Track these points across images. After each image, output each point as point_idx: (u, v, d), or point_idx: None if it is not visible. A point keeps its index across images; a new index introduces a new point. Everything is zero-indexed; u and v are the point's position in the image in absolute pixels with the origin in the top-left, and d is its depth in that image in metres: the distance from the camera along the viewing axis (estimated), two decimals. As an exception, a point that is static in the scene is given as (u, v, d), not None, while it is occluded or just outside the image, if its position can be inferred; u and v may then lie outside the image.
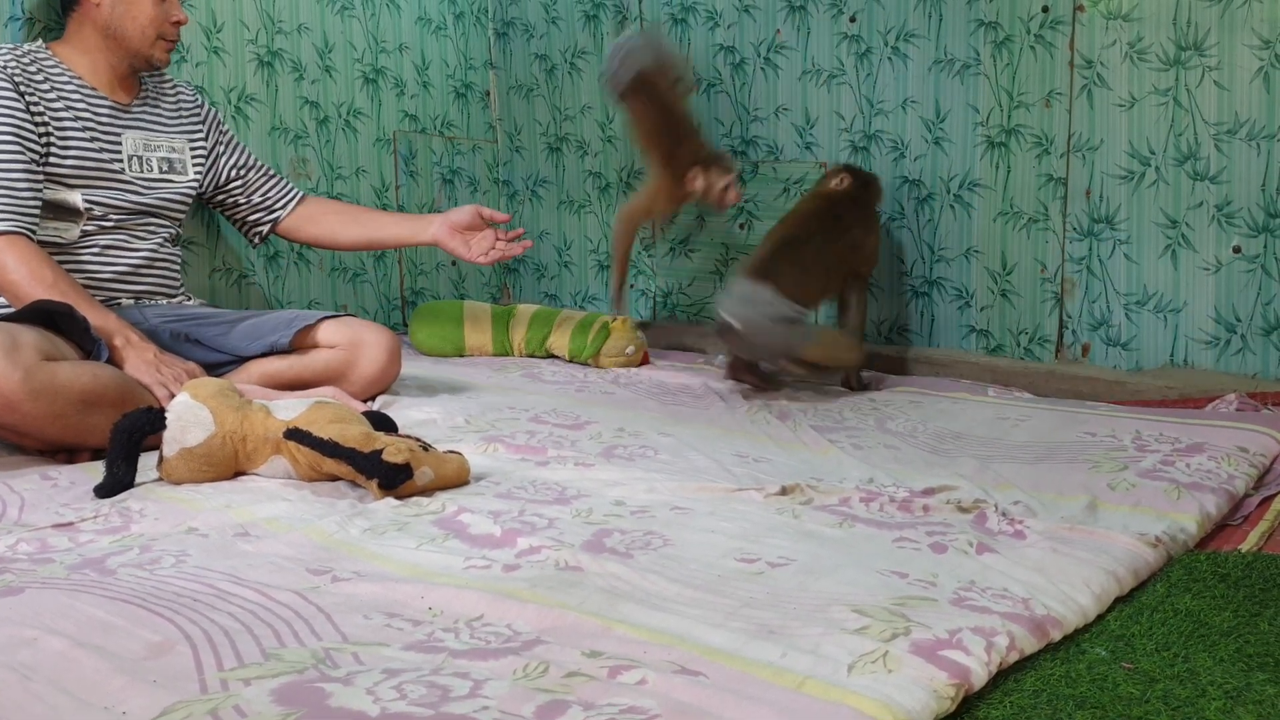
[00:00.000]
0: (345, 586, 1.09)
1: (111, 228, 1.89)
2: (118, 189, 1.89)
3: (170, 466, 1.45)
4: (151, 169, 1.94)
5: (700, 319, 2.66)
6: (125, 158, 1.90)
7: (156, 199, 1.95)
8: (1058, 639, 1.03)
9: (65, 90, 1.85)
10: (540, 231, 3.01)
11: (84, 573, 1.12)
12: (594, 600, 1.04)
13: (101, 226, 1.88)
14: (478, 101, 2.99)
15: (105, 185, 1.88)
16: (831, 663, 0.91)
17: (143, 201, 1.93)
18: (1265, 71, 1.92)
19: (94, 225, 1.87)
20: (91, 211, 1.86)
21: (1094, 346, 2.17)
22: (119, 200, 1.90)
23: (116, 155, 1.89)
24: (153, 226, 1.95)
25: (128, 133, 1.92)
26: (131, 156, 1.91)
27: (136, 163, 1.92)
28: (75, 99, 1.86)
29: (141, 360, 1.70)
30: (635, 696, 0.86)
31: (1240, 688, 0.93)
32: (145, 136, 1.94)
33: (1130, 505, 1.37)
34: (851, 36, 2.38)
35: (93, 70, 1.90)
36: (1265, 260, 1.96)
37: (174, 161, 1.99)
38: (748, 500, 1.38)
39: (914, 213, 2.35)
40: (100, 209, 1.87)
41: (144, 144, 1.93)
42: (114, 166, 1.89)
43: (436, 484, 1.43)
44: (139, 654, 0.93)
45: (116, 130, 1.91)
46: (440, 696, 0.85)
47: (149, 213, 1.94)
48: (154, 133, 1.97)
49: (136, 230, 1.93)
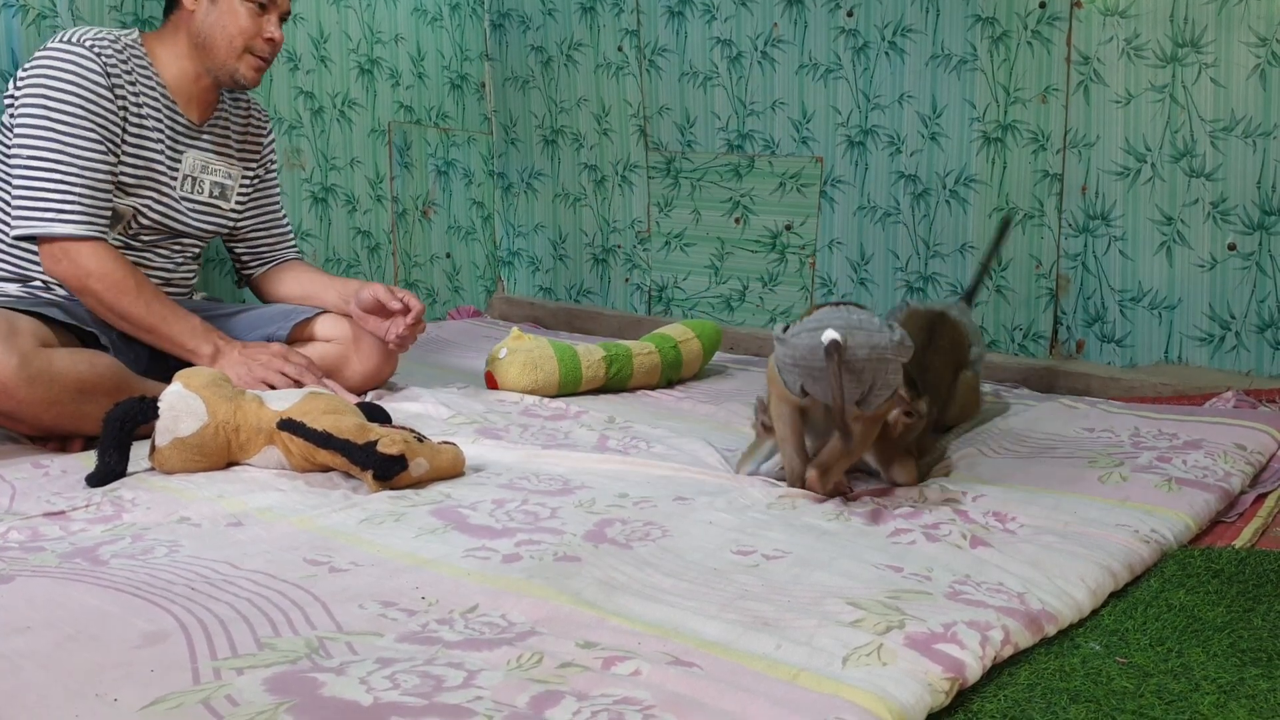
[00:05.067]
0: (342, 576, 1.09)
1: (148, 242, 1.81)
2: (165, 206, 1.81)
3: (162, 456, 1.45)
4: (203, 192, 1.86)
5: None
6: (180, 177, 1.82)
7: (198, 223, 1.87)
8: (1052, 633, 1.03)
9: (149, 95, 1.77)
10: (535, 224, 3.00)
11: (76, 561, 1.12)
12: (590, 591, 1.04)
13: (136, 237, 1.80)
14: (473, 93, 2.98)
15: (154, 199, 1.79)
16: (826, 655, 0.91)
17: (184, 223, 1.84)
18: (1261, 69, 1.92)
19: (128, 235, 1.78)
20: (132, 222, 1.78)
21: (1089, 343, 2.17)
22: (162, 218, 1.81)
23: (174, 172, 1.81)
24: (182, 245, 1.87)
25: (190, 152, 1.83)
26: (186, 176, 1.82)
27: (189, 183, 1.83)
28: (155, 106, 1.77)
29: (230, 366, 1.69)
30: (629, 687, 0.85)
31: (1234, 682, 0.93)
32: (205, 159, 1.86)
33: (1119, 500, 1.37)
34: (849, 31, 2.38)
35: (179, 77, 1.80)
36: (1260, 257, 1.96)
37: (225, 189, 1.90)
38: (746, 491, 1.38)
39: (909, 208, 2.35)
40: (141, 221, 1.78)
41: (202, 166, 1.85)
42: (168, 183, 1.80)
43: (431, 475, 1.42)
44: (132, 643, 0.93)
45: (181, 148, 1.82)
46: (434, 686, 0.85)
47: (185, 234, 1.86)
48: (215, 156, 1.88)
49: (168, 247, 1.85)
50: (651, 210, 2.77)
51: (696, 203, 2.68)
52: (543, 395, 1.93)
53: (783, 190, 2.52)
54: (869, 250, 2.42)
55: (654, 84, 2.71)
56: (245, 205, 1.98)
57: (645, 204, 2.78)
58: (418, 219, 2.87)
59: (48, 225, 1.65)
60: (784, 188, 2.52)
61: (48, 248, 1.67)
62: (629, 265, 2.83)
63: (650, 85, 2.71)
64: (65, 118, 1.66)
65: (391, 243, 2.80)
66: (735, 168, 2.60)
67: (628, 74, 2.75)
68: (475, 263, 2.99)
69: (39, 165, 1.65)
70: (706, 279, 2.69)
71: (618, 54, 2.76)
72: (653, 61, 2.70)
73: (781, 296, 2.57)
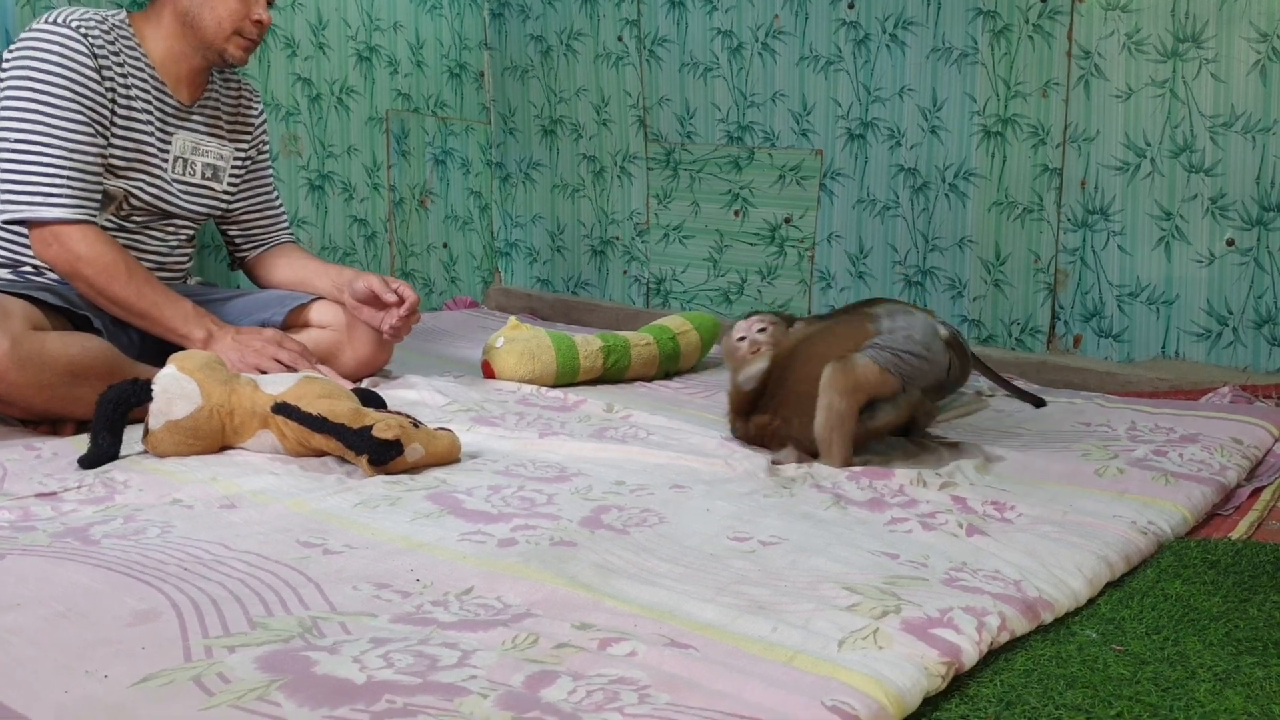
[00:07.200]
0: (335, 558, 1.08)
1: (140, 224, 1.81)
2: (156, 188, 1.80)
3: (155, 439, 1.44)
4: (195, 173, 1.85)
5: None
6: (171, 159, 1.81)
7: (190, 205, 1.86)
8: (1049, 621, 1.03)
9: (137, 75, 1.75)
10: (534, 215, 2.99)
11: (67, 541, 1.11)
12: (586, 574, 1.04)
13: (128, 219, 1.79)
14: (472, 82, 2.97)
15: (145, 181, 1.78)
16: (822, 638, 0.91)
17: (176, 204, 1.84)
18: (1262, 64, 1.91)
19: (120, 217, 1.78)
20: (124, 204, 1.77)
21: (1086, 337, 2.17)
22: (154, 200, 1.80)
23: (165, 154, 1.80)
24: (175, 227, 1.87)
25: (180, 133, 1.82)
26: (177, 158, 1.81)
27: (180, 165, 1.82)
28: (144, 87, 1.76)
29: (224, 351, 1.67)
30: (625, 668, 0.85)
31: (1229, 670, 0.93)
32: (196, 140, 1.85)
33: (1116, 492, 1.37)
34: (850, 23, 2.37)
35: (166, 57, 1.79)
36: (1258, 253, 1.96)
37: (218, 170, 1.89)
38: (744, 479, 1.38)
39: (909, 201, 2.34)
40: (133, 203, 1.78)
41: (193, 147, 1.83)
42: (159, 165, 1.80)
43: (427, 460, 1.41)
44: (123, 620, 0.92)
45: (171, 129, 1.81)
46: (428, 666, 0.85)
47: (178, 215, 1.86)
48: (206, 137, 1.87)
49: (161, 229, 1.84)
50: (650, 202, 2.76)
51: (696, 195, 2.67)
52: (540, 385, 1.92)
53: (782, 183, 2.52)
54: (868, 244, 2.41)
55: (654, 74, 2.70)
56: (238, 186, 1.97)
57: (644, 195, 2.77)
58: (415, 208, 2.86)
59: (37, 209, 1.63)
60: (783, 180, 2.51)
61: (38, 232, 1.66)
62: (627, 257, 2.82)
63: (650, 76, 2.71)
64: (52, 100, 1.64)
65: (388, 232, 2.79)
66: (735, 160, 2.59)
67: (627, 64, 2.74)
68: (472, 253, 2.99)
69: (27, 149, 1.64)
70: (705, 272, 2.68)
71: (618, 44, 2.75)
72: (653, 52, 2.69)
73: (780, 290, 2.57)
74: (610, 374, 2.01)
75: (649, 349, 2.06)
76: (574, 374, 1.97)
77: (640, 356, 2.04)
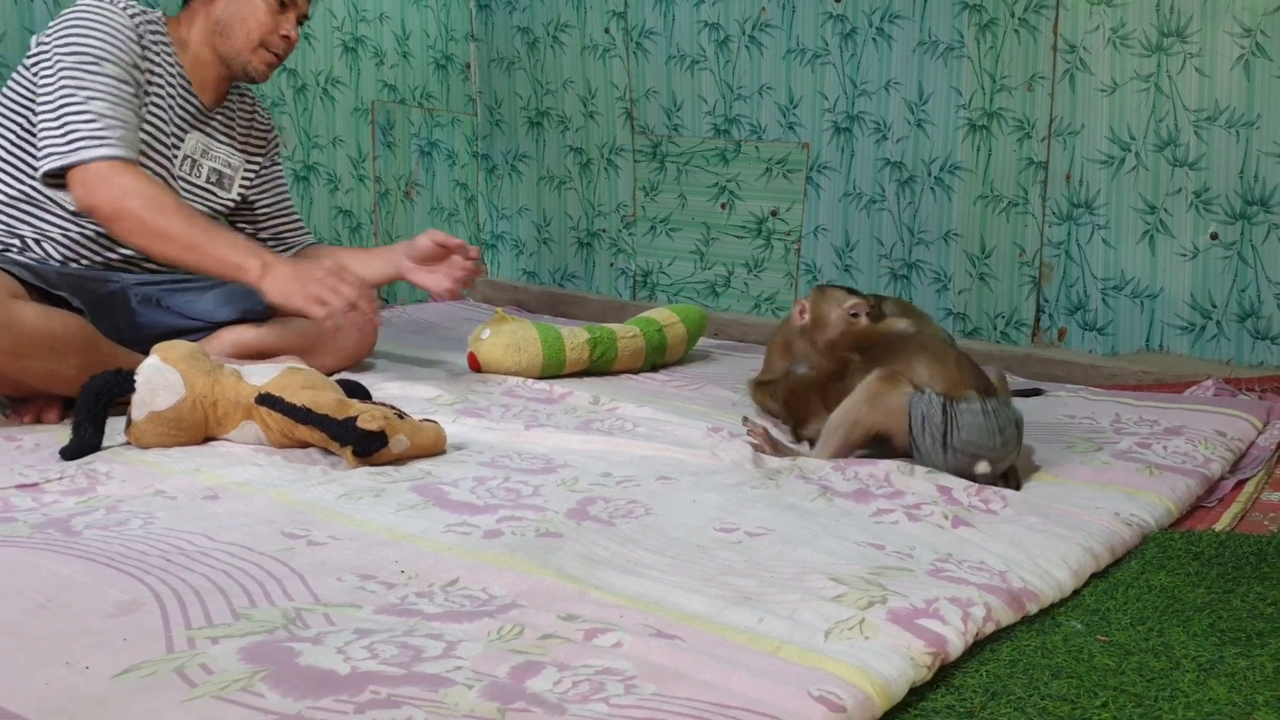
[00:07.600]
0: (319, 549, 1.07)
1: None
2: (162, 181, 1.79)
3: (138, 430, 1.43)
4: (200, 175, 1.85)
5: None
6: (180, 157, 1.81)
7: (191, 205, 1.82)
8: (1034, 612, 1.03)
9: (167, 71, 1.78)
10: (520, 207, 2.98)
11: (48, 532, 1.10)
12: (572, 565, 1.03)
13: None
14: (458, 73, 2.95)
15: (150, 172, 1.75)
16: (808, 629, 0.91)
17: None
18: (1246, 59, 1.92)
19: None
20: None
21: (1070, 331, 2.18)
22: None
23: (175, 151, 1.81)
24: None
25: (194, 133, 1.83)
26: (186, 157, 1.82)
27: (188, 164, 1.82)
28: (171, 83, 1.79)
29: (282, 283, 1.60)
30: (611, 659, 0.85)
31: (1213, 660, 0.93)
32: (207, 142, 1.85)
33: (1101, 484, 1.38)
34: (836, 16, 2.37)
35: (194, 62, 1.82)
36: (1241, 247, 1.97)
37: (224, 176, 1.89)
38: (731, 470, 1.38)
39: (894, 195, 2.34)
40: None
41: (203, 149, 1.84)
42: (166, 159, 1.80)
43: (412, 452, 1.41)
44: (104, 612, 0.91)
45: (186, 128, 1.82)
46: (413, 657, 0.84)
47: None
48: (217, 141, 1.88)
49: None
50: (637, 194, 2.75)
51: (682, 187, 2.67)
52: (526, 377, 1.92)
53: (769, 176, 2.51)
54: (854, 237, 2.42)
55: (641, 67, 2.69)
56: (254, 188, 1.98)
57: (631, 188, 2.76)
58: (400, 199, 2.85)
59: (83, 151, 1.62)
60: (770, 173, 2.51)
61: (81, 175, 1.63)
62: (614, 250, 2.82)
63: (637, 68, 2.70)
64: (102, 56, 1.67)
65: (373, 223, 2.77)
66: (721, 152, 2.59)
67: (614, 56, 2.74)
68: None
69: (74, 100, 1.64)
70: (691, 264, 2.68)
71: (604, 36, 2.74)
72: (640, 44, 2.68)
73: (766, 283, 2.57)
74: (597, 366, 2.01)
75: (635, 341, 2.05)
76: (560, 366, 1.96)
77: (627, 349, 2.04)
